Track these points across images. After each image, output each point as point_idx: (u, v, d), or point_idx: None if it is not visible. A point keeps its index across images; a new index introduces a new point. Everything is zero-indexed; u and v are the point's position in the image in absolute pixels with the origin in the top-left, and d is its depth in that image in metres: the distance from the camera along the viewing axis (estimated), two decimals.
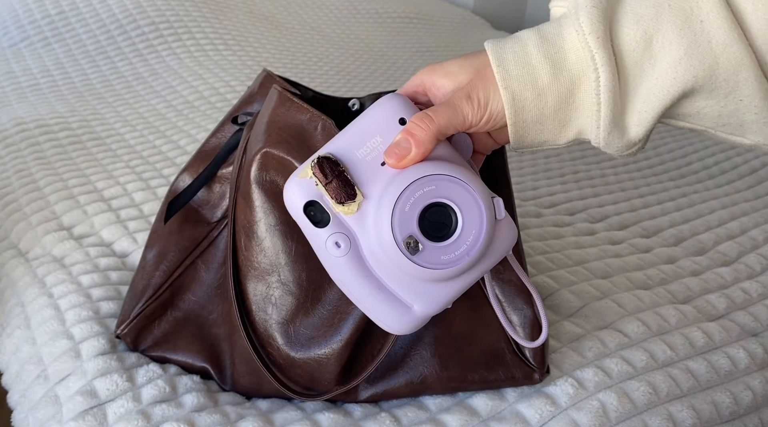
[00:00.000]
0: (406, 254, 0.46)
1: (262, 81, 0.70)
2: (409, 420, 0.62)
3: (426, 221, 0.46)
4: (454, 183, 0.46)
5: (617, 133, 0.48)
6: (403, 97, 0.50)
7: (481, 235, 0.47)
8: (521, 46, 0.48)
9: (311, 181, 0.48)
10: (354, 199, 0.47)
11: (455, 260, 0.46)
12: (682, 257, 0.95)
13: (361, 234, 0.47)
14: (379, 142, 0.48)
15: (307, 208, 0.48)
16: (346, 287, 0.48)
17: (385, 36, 2.12)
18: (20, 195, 1.00)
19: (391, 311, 0.48)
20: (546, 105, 0.48)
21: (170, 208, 0.69)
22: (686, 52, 0.44)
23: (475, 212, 0.47)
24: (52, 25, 1.76)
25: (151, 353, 0.68)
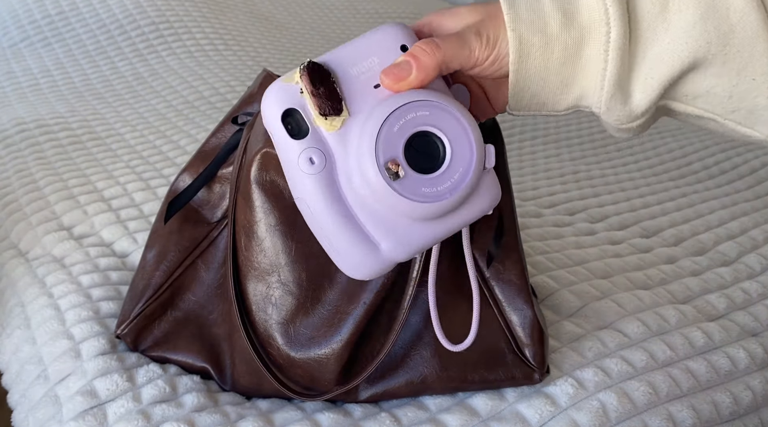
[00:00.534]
0: (386, 178, 0.42)
1: (262, 81, 0.70)
2: (409, 420, 0.62)
3: (412, 149, 0.43)
4: (450, 115, 0.43)
5: (620, 97, 0.46)
6: (407, 26, 0.48)
7: (468, 175, 0.43)
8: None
9: (296, 87, 0.44)
10: (339, 115, 0.43)
11: (436, 195, 0.43)
12: (682, 257, 0.95)
13: (339, 154, 0.43)
14: (375, 63, 0.45)
15: (285, 117, 0.44)
16: (311, 210, 0.44)
17: None
18: (20, 195, 1.00)
19: (354, 248, 0.44)
20: (552, 56, 0.46)
21: (170, 208, 0.69)
22: (702, 16, 0.43)
23: (466, 151, 0.43)
24: (52, 25, 1.76)
25: (151, 353, 0.68)
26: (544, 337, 0.65)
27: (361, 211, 0.43)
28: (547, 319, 0.76)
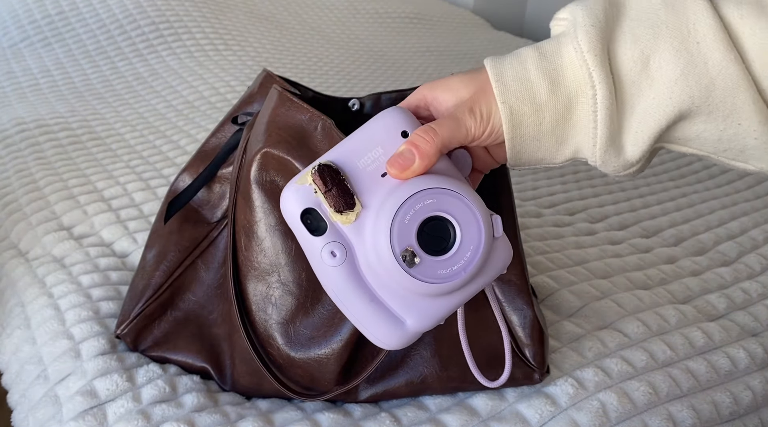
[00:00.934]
0: (403, 266, 0.45)
1: (262, 81, 0.70)
2: (409, 420, 0.62)
3: (424, 234, 0.46)
4: (455, 198, 0.46)
5: (613, 152, 0.48)
6: (405, 110, 0.50)
7: (479, 251, 0.46)
8: (520, 63, 0.48)
9: (310, 188, 0.47)
10: (352, 209, 0.47)
11: (452, 275, 0.46)
12: (682, 257, 0.95)
13: (358, 244, 0.47)
14: (380, 154, 0.48)
15: (304, 216, 0.47)
16: (339, 298, 0.48)
17: (385, 36, 2.12)
18: (20, 195, 1.00)
19: (383, 325, 0.47)
20: (544, 121, 0.48)
21: (170, 208, 0.69)
22: (683, 72, 0.45)
23: (473, 228, 0.46)
24: (52, 25, 1.76)
25: (151, 353, 0.68)
26: (544, 337, 0.65)
27: (384, 294, 0.47)
28: (547, 319, 0.76)
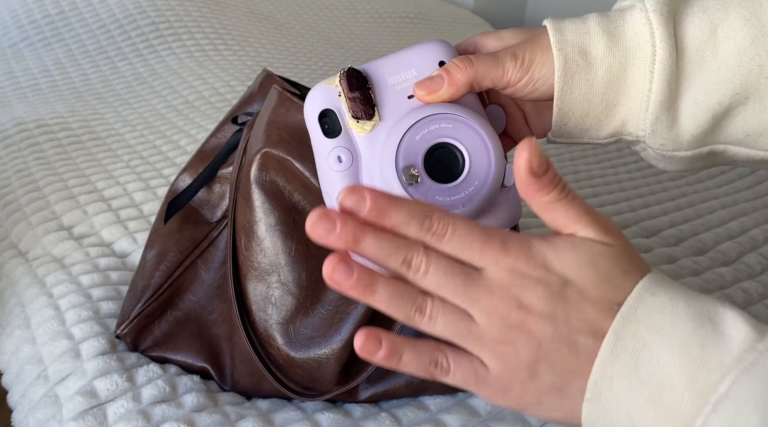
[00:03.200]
0: (403, 181, 0.44)
1: (262, 81, 0.70)
2: (409, 420, 0.62)
3: (433, 159, 0.45)
4: (474, 132, 0.45)
5: (665, 120, 0.45)
6: (448, 44, 0.49)
7: (483, 190, 0.45)
8: (581, 20, 0.46)
9: (335, 89, 0.47)
10: (370, 119, 0.46)
11: (449, 204, 0.45)
12: (682, 256, 0.95)
13: (366, 156, 0.46)
14: (412, 76, 0.48)
15: (322, 117, 0.47)
16: (333, 205, 0.47)
17: (385, 36, 2.12)
18: (20, 195, 1.00)
19: None
20: (596, 78, 0.45)
21: (170, 208, 0.69)
22: (753, 41, 0.42)
23: (483, 166, 0.45)
24: (52, 25, 1.76)
25: (151, 353, 0.68)
26: None
27: None
28: None
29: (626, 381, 0.35)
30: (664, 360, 0.34)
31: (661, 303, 0.35)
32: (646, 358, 0.34)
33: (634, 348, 0.35)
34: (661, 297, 0.36)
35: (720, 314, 0.35)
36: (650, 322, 0.35)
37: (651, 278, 0.37)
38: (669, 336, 0.34)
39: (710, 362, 0.34)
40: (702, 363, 0.34)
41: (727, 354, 0.34)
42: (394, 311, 0.37)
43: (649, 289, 0.36)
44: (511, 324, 0.36)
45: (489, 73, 0.46)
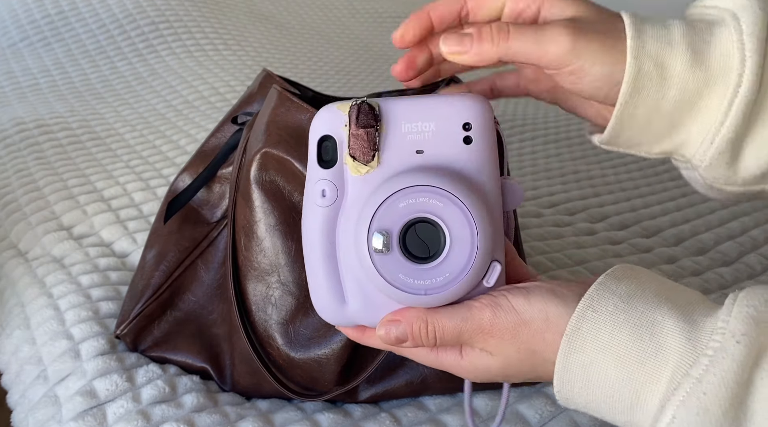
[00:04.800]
0: (369, 247, 0.40)
1: (262, 81, 0.70)
2: (409, 420, 0.62)
3: (411, 232, 0.40)
4: (465, 220, 0.40)
5: (728, 157, 0.41)
6: (484, 102, 0.44)
7: (453, 283, 0.40)
8: (665, 26, 0.41)
9: (344, 118, 0.43)
10: (367, 164, 0.42)
11: (410, 287, 0.40)
12: (682, 256, 0.95)
13: (351, 199, 0.42)
14: (429, 130, 0.42)
15: (322, 141, 0.43)
16: (306, 237, 0.44)
17: (385, 36, 2.12)
18: (20, 195, 1.00)
19: (325, 291, 0.43)
20: (667, 95, 0.40)
21: (170, 208, 0.69)
22: None
23: (463, 258, 0.40)
24: (52, 25, 1.76)
25: (150, 354, 0.67)
26: None
27: (343, 263, 0.42)
28: None
29: (584, 393, 0.38)
30: (611, 375, 0.37)
31: (602, 320, 0.37)
32: (595, 374, 0.37)
33: (583, 365, 0.37)
34: (602, 313, 0.37)
35: (658, 324, 0.36)
36: (594, 340, 0.37)
37: (593, 293, 0.38)
38: (611, 352, 0.36)
39: (650, 382, 0.36)
40: (643, 382, 0.36)
41: (665, 373, 0.35)
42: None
43: (590, 306, 0.38)
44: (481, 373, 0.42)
45: (526, 48, 0.41)
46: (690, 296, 0.39)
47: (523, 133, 1.45)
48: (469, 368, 0.42)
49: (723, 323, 0.35)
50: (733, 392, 0.34)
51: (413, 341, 0.41)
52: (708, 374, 0.34)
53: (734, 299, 0.36)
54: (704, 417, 0.34)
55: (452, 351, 0.42)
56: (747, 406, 0.34)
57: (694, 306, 0.38)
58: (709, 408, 0.34)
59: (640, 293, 0.38)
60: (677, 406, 0.34)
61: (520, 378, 0.41)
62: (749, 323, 0.35)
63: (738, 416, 0.34)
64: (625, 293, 0.38)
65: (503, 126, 1.43)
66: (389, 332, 0.41)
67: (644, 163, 1.30)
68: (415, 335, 0.40)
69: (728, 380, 0.34)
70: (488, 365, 0.41)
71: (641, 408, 0.36)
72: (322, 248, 0.42)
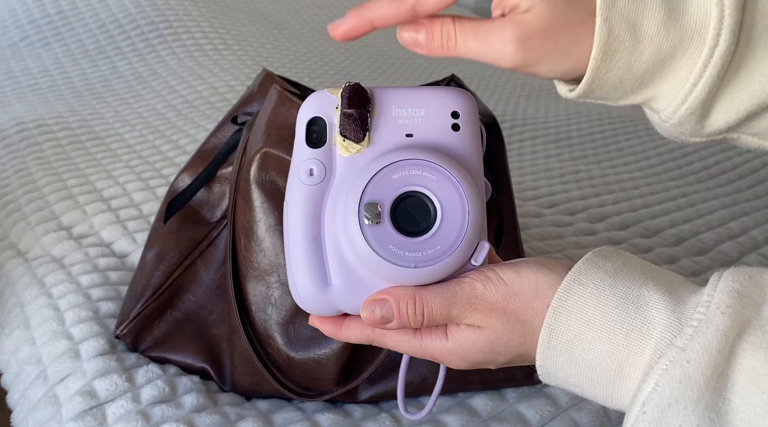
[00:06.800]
0: (361, 217, 0.40)
1: (261, 81, 0.70)
2: (409, 420, 0.62)
3: (402, 207, 0.40)
4: (457, 195, 0.41)
5: (698, 115, 0.40)
6: (470, 97, 0.45)
7: (442, 257, 0.40)
8: None
9: (335, 100, 0.43)
10: (358, 143, 0.42)
11: (400, 259, 0.40)
12: (682, 256, 0.95)
13: (340, 179, 0.42)
14: (419, 115, 0.43)
15: (312, 124, 0.43)
16: (288, 219, 0.43)
17: (385, 36, 2.12)
18: (19, 195, 0.99)
19: (306, 275, 0.42)
20: (640, 58, 0.38)
21: (170, 208, 0.69)
22: None
23: (453, 233, 0.40)
24: (52, 25, 1.76)
25: (150, 354, 0.67)
26: None
27: (329, 241, 0.42)
28: None
29: (566, 366, 0.38)
30: (596, 348, 0.37)
31: (588, 293, 0.37)
32: (579, 346, 0.37)
33: (567, 339, 0.37)
34: (589, 286, 0.38)
35: (644, 298, 0.37)
36: (580, 312, 0.37)
37: (580, 267, 0.38)
38: (597, 325, 0.37)
39: (635, 353, 0.36)
40: (627, 353, 0.36)
41: (649, 344, 0.36)
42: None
43: (577, 279, 0.38)
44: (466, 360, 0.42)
45: (476, 56, 0.40)
46: (674, 276, 0.39)
47: (523, 133, 1.45)
48: (454, 349, 0.41)
49: (708, 296, 0.36)
50: (715, 361, 0.34)
51: (399, 320, 0.39)
52: (692, 343, 0.34)
53: (719, 275, 0.37)
54: (686, 385, 0.34)
55: (437, 334, 0.41)
56: (728, 376, 0.34)
57: (679, 285, 0.38)
58: (692, 376, 0.34)
59: (626, 271, 0.38)
60: (660, 374, 0.35)
61: (506, 354, 0.40)
62: (734, 297, 0.35)
63: (719, 385, 0.34)
64: (612, 269, 0.38)
65: (503, 126, 1.43)
66: (374, 311, 0.39)
67: (644, 164, 1.30)
68: (402, 314, 0.39)
69: (712, 349, 0.34)
70: (475, 340, 0.40)
71: (624, 381, 0.36)
72: (305, 227, 0.42)
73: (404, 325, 0.40)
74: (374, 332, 0.41)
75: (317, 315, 0.43)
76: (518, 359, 0.41)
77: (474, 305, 0.39)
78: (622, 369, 0.36)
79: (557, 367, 0.38)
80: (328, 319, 0.42)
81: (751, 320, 0.35)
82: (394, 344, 0.42)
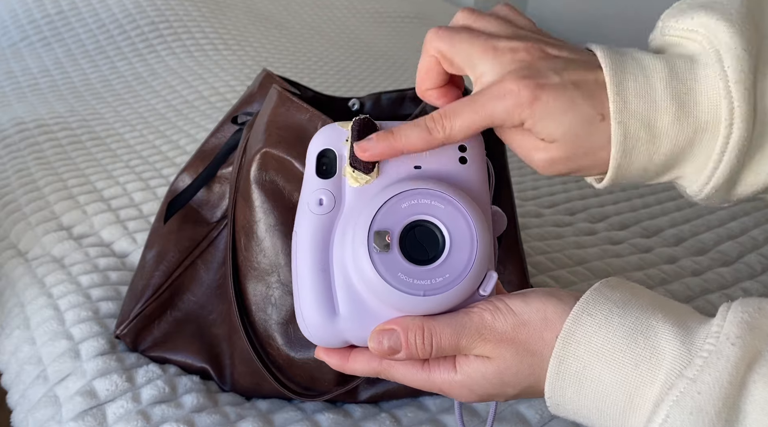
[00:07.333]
0: (371, 246, 0.40)
1: (262, 81, 0.70)
2: (409, 420, 0.62)
3: (410, 235, 0.41)
4: (466, 225, 0.41)
5: (723, 191, 0.41)
6: (479, 136, 0.45)
7: (450, 286, 0.40)
8: (645, 76, 0.39)
9: (345, 133, 0.44)
10: (367, 174, 0.43)
11: (409, 287, 0.40)
12: (682, 256, 0.95)
13: (349, 210, 0.42)
14: None
15: (322, 156, 0.44)
16: (297, 249, 0.43)
17: (385, 35, 2.12)
18: (20, 195, 0.99)
19: (314, 305, 0.41)
20: (658, 151, 0.40)
21: (170, 208, 0.69)
22: None
23: (462, 262, 0.40)
24: (52, 25, 1.76)
25: (150, 354, 0.67)
26: None
27: (338, 270, 0.42)
28: None
29: (576, 398, 0.38)
30: (605, 379, 0.37)
31: (597, 323, 0.37)
32: (588, 377, 0.37)
33: (577, 370, 0.37)
34: (597, 317, 0.38)
35: (653, 329, 0.37)
36: (589, 343, 0.37)
37: (588, 297, 0.38)
38: (606, 356, 0.37)
39: (645, 384, 0.36)
40: (637, 385, 0.36)
41: (659, 376, 0.36)
42: None
43: (585, 309, 0.38)
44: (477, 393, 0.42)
45: (415, 143, 0.41)
46: (683, 307, 0.39)
47: None
48: (463, 381, 0.41)
49: (717, 327, 0.36)
50: (726, 392, 0.34)
51: (407, 351, 0.39)
52: (703, 374, 0.34)
53: (728, 306, 0.37)
54: (698, 417, 0.34)
55: (445, 366, 0.41)
56: (740, 408, 0.34)
57: (688, 316, 0.38)
58: (703, 408, 0.34)
59: (635, 301, 0.38)
60: (671, 405, 0.34)
61: (515, 386, 0.40)
62: (743, 328, 0.35)
63: (731, 417, 0.34)
64: (620, 299, 0.38)
65: None
66: (382, 341, 0.39)
67: None
68: (410, 344, 0.39)
69: (722, 380, 0.34)
70: (484, 371, 0.40)
71: (634, 412, 0.36)
72: (313, 256, 0.42)
73: (412, 355, 0.39)
74: (381, 364, 0.41)
75: (324, 347, 0.43)
76: (528, 391, 0.40)
77: (483, 335, 0.39)
78: (632, 401, 0.36)
79: (566, 398, 0.38)
80: (334, 351, 0.42)
81: (762, 351, 0.35)
82: (401, 376, 0.41)
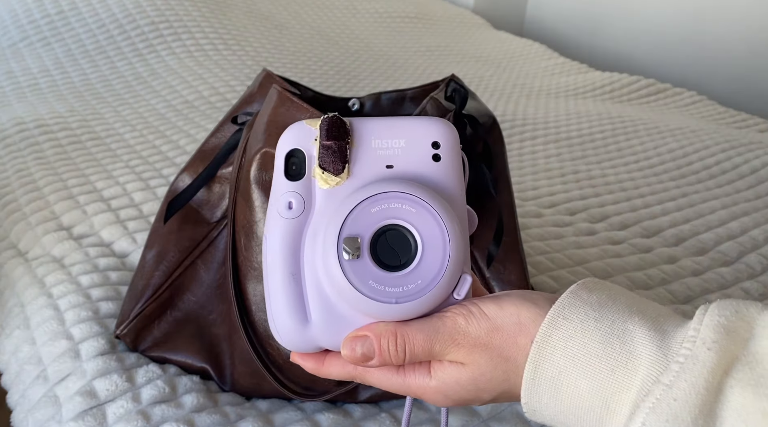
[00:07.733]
0: (340, 252, 0.39)
1: (262, 81, 0.70)
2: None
3: (382, 240, 0.40)
4: (438, 228, 0.40)
5: None
6: (450, 126, 0.44)
7: (423, 292, 0.39)
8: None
9: (314, 132, 0.43)
10: (337, 175, 0.41)
11: (380, 294, 0.39)
12: (682, 256, 0.95)
13: (319, 213, 0.41)
14: (399, 146, 0.43)
15: (290, 156, 0.42)
16: (267, 255, 0.42)
17: (386, 36, 2.12)
18: (20, 195, 0.99)
19: (286, 311, 0.41)
20: None
21: (170, 208, 0.69)
22: None
23: (435, 267, 0.39)
24: (52, 25, 1.76)
25: (150, 354, 0.67)
26: None
27: (309, 276, 0.41)
28: None
29: (552, 403, 0.37)
30: (581, 385, 0.36)
31: (573, 327, 0.37)
32: (564, 383, 0.36)
33: (552, 375, 0.36)
34: (573, 320, 0.37)
35: (629, 333, 0.36)
36: (564, 348, 0.36)
37: (564, 301, 0.38)
38: (581, 361, 0.36)
39: (621, 390, 0.35)
40: (613, 391, 0.35)
41: (635, 381, 0.35)
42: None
43: (561, 313, 0.37)
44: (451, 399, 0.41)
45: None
46: (661, 309, 0.38)
47: (523, 133, 1.45)
48: (437, 387, 0.40)
49: (694, 331, 0.35)
50: (703, 398, 0.33)
51: (380, 357, 0.38)
52: (679, 381, 0.34)
53: (705, 309, 0.36)
54: (674, 424, 0.33)
55: (420, 371, 0.40)
56: (716, 414, 0.33)
57: (665, 318, 0.37)
58: (679, 414, 0.33)
59: (611, 304, 0.38)
60: (647, 412, 0.34)
61: (490, 391, 0.39)
62: (720, 332, 0.35)
63: (708, 423, 0.33)
64: (597, 301, 0.37)
65: (503, 126, 1.43)
66: (354, 348, 0.38)
67: (644, 164, 1.30)
68: (383, 351, 0.38)
69: (699, 386, 0.33)
70: (458, 377, 0.39)
71: (611, 419, 0.36)
72: (284, 262, 0.41)
73: (386, 362, 0.39)
74: (356, 369, 0.40)
75: (298, 352, 0.42)
76: (503, 396, 0.40)
77: (456, 341, 0.38)
78: (608, 407, 0.35)
79: (542, 404, 0.37)
80: (309, 355, 0.41)
81: (739, 356, 0.34)
82: (376, 381, 0.41)
